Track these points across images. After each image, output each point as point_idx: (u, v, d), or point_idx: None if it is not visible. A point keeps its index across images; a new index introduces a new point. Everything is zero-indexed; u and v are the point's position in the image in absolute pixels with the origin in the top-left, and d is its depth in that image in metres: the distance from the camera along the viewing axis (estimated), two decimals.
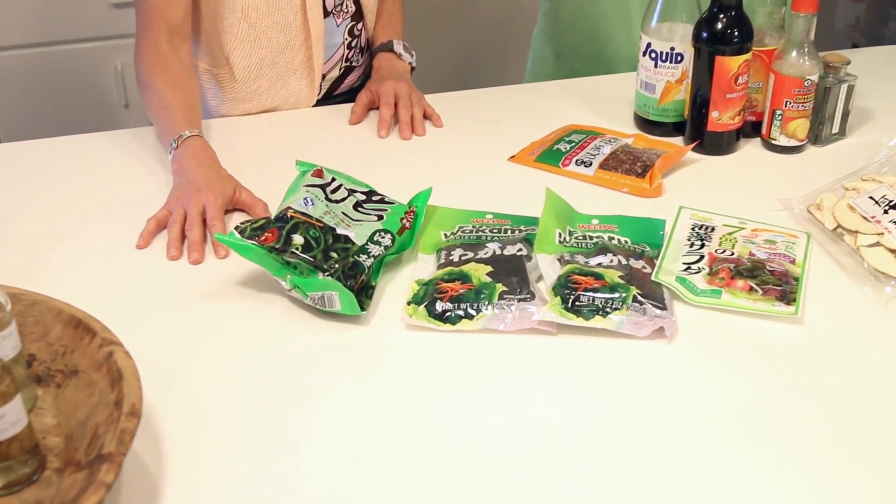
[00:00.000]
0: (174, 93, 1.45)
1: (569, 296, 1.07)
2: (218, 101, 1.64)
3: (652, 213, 1.29)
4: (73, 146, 1.54)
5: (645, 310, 1.05)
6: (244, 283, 1.16)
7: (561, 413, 0.95)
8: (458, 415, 0.95)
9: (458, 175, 1.42)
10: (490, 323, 1.06)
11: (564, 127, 1.56)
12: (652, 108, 1.52)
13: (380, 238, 1.14)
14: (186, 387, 0.99)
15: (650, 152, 1.44)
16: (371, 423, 0.94)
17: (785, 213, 1.29)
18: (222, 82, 1.62)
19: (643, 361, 1.02)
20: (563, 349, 1.04)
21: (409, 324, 1.07)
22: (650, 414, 0.95)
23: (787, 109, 1.43)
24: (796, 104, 1.42)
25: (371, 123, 1.60)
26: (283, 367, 1.02)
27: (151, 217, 1.27)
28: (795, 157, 1.47)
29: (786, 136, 1.46)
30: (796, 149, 1.47)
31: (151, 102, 1.46)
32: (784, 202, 1.31)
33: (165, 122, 1.43)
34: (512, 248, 1.16)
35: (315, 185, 1.19)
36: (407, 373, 1.01)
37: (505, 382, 0.99)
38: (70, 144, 1.55)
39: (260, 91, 1.63)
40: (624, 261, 1.13)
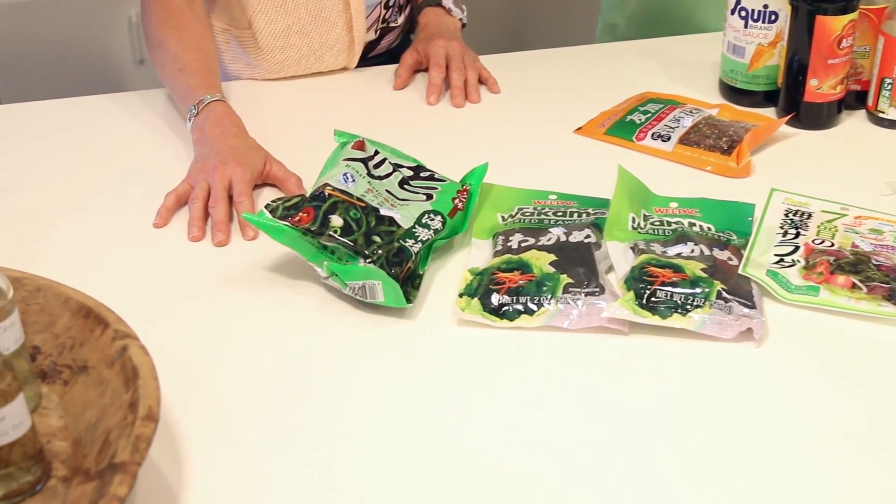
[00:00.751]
0: (190, 52, 1.45)
1: (643, 290, 1.05)
2: (240, 66, 1.63)
3: (739, 195, 1.27)
4: (81, 109, 1.55)
5: (731, 308, 1.04)
6: (275, 270, 1.16)
7: (632, 423, 0.94)
8: (515, 423, 0.94)
9: (517, 149, 1.41)
10: (553, 320, 1.05)
11: (639, 95, 1.55)
12: (740, 74, 1.50)
13: (429, 220, 1.13)
14: (208, 386, 0.99)
15: (738, 125, 1.42)
16: (416, 430, 0.93)
17: (894, 198, 1.27)
18: (245, 46, 1.61)
19: (728, 367, 1.01)
20: (635, 351, 1.03)
21: (460, 318, 1.06)
22: (735, 427, 0.94)
23: None
24: None
25: (418, 88, 1.60)
26: (318, 366, 1.01)
27: (171, 192, 1.27)
28: None
29: None
30: None
31: (164, 63, 1.46)
32: (893, 185, 1.29)
33: (182, 86, 1.43)
34: (578, 234, 1.15)
35: (356, 158, 1.18)
36: (457, 375, 1.00)
37: (568, 388, 0.98)
38: (78, 107, 1.56)
39: (288, 63, 1.62)
40: (707, 251, 1.12)
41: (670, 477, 0.88)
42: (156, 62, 1.48)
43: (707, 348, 1.03)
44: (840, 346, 1.04)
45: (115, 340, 0.89)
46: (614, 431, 0.93)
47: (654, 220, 1.20)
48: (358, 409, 0.96)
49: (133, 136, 1.47)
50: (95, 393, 0.88)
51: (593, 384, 0.99)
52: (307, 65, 1.62)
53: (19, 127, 1.50)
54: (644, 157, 1.39)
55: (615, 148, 1.42)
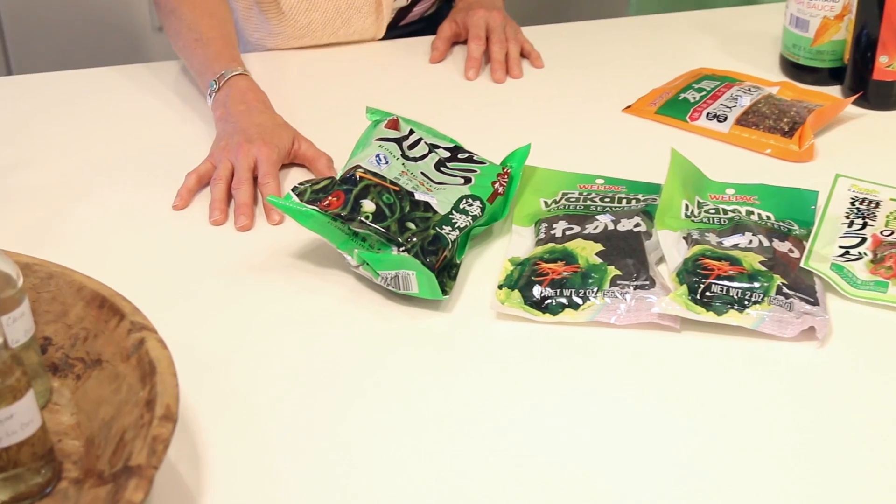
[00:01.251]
0: (205, 20, 1.44)
1: (697, 284, 1.04)
2: (262, 35, 1.63)
3: (801, 181, 1.26)
4: (96, 81, 1.55)
5: (791, 304, 1.03)
6: (302, 257, 1.15)
7: (683, 428, 0.93)
8: (558, 426, 0.93)
9: (561, 129, 1.41)
10: (599, 314, 1.04)
11: (693, 71, 1.54)
12: (804, 49, 1.49)
13: (467, 206, 1.13)
14: (230, 382, 0.99)
15: (800, 105, 1.41)
16: (450, 432, 0.93)
17: None
18: (266, 11, 1.60)
19: (788, 369, 1.00)
20: (687, 350, 1.02)
21: (500, 312, 1.06)
22: (795, 435, 0.92)
23: None
24: None
25: (456, 62, 1.59)
26: (347, 361, 1.01)
27: (192, 171, 1.27)
28: None
29: None
30: None
31: (178, 33, 1.46)
32: None
33: (200, 59, 1.42)
34: (628, 222, 1.14)
35: (389, 138, 1.18)
36: (496, 373, 1.00)
37: (615, 388, 0.98)
38: (92, 79, 1.56)
39: (313, 27, 1.61)
40: (766, 242, 1.11)
41: (725, 486, 0.87)
42: (169, 31, 1.48)
43: (765, 348, 1.02)
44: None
45: (132, 333, 0.88)
46: (664, 436, 0.92)
47: (709, 207, 1.19)
48: (388, 408, 0.95)
49: (151, 111, 1.46)
50: (110, 389, 0.87)
51: (642, 385, 0.98)
52: (333, 29, 1.61)
53: (30, 99, 1.50)
54: (698, 138, 1.38)
55: (667, 128, 1.41)
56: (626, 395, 0.97)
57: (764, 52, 1.59)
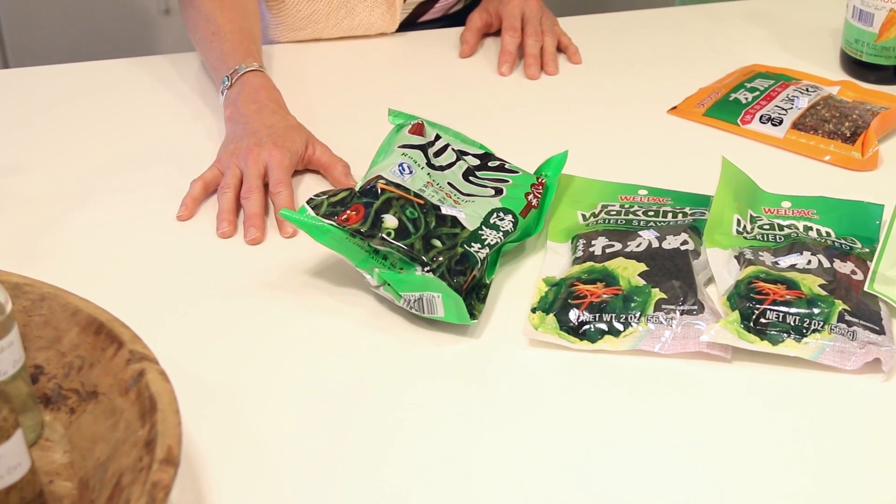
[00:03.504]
0: (226, 13, 1.45)
1: (751, 310, 1.03)
2: (264, 24, 1.63)
3: (864, 193, 1.25)
4: (96, 75, 1.55)
5: (854, 333, 1.02)
6: (317, 274, 1.15)
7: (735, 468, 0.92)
8: (595, 463, 0.92)
9: (600, 133, 1.40)
10: (642, 342, 1.03)
11: (745, 68, 1.54)
12: (867, 45, 1.49)
13: (498, 221, 1.12)
14: (238, 414, 0.98)
15: (863, 108, 1.40)
16: (478, 468, 0.92)
17: None
18: (266, 0, 1.61)
19: (850, 404, 0.99)
20: (739, 382, 1.01)
21: (533, 338, 1.05)
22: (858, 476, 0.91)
23: None
24: None
25: (487, 56, 1.58)
26: (365, 392, 1.00)
27: (197, 178, 1.27)
28: None
29: None
30: None
31: (196, 25, 1.46)
32: None
33: (216, 53, 1.42)
34: (674, 238, 1.13)
35: (414, 145, 1.17)
36: (528, 405, 0.99)
37: (659, 423, 0.97)
38: (93, 72, 1.56)
39: (316, 17, 1.60)
40: (826, 262, 1.09)
41: None
42: (188, 24, 1.48)
43: (826, 381, 1.01)
44: None
45: (131, 363, 0.87)
46: (713, 477, 0.91)
47: (763, 222, 1.18)
48: (411, 444, 0.95)
49: (157, 110, 1.46)
50: (106, 425, 0.86)
51: (688, 420, 0.97)
52: (337, 19, 1.61)
53: (26, 95, 1.50)
54: (750, 143, 1.37)
55: (716, 132, 1.40)
56: (670, 432, 0.96)
57: (823, 47, 1.59)
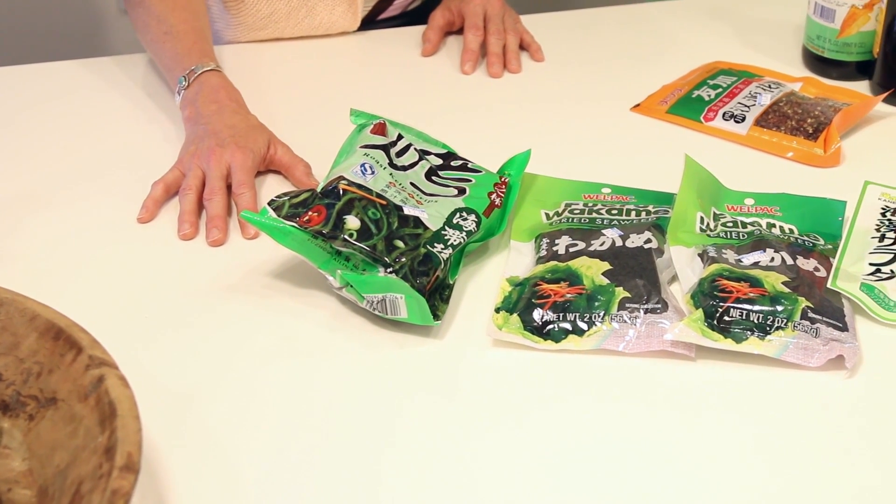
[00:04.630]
0: (177, 12, 1.44)
1: (714, 308, 1.03)
2: (220, 25, 1.62)
3: (827, 189, 1.25)
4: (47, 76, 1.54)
5: (818, 330, 1.02)
6: (279, 276, 1.14)
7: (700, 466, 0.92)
8: (560, 463, 0.92)
9: (564, 131, 1.40)
10: (606, 341, 1.03)
11: (707, 65, 1.54)
12: (829, 41, 1.49)
13: (461, 221, 1.12)
14: (199, 419, 0.97)
15: (825, 104, 1.41)
16: (444, 470, 0.92)
17: None
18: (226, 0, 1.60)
19: (814, 401, 0.99)
20: (703, 380, 1.01)
21: (497, 338, 1.05)
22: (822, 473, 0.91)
23: None
24: None
25: (450, 54, 1.58)
26: (328, 395, 1.00)
27: (158, 180, 1.26)
28: None
29: None
30: None
31: (146, 26, 1.45)
32: None
33: (169, 53, 1.41)
34: (637, 237, 1.13)
35: (376, 145, 1.16)
36: (492, 405, 0.99)
37: (623, 422, 0.97)
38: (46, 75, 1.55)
39: (276, 17, 1.60)
40: (789, 259, 1.10)
41: None
42: (136, 24, 1.47)
43: (789, 378, 1.01)
44: None
45: (90, 369, 0.86)
46: (678, 475, 0.91)
47: (727, 220, 1.18)
48: (374, 446, 0.94)
49: (114, 111, 1.45)
50: (66, 432, 0.86)
51: (653, 419, 0.97)
52: (297, 19, 1.60)
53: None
54: (714, 141, 1.38)
55: (679, 130, 1.40)
56: (635, 431, 0.96)
57: (785, 43, 1.59)
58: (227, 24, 1.60)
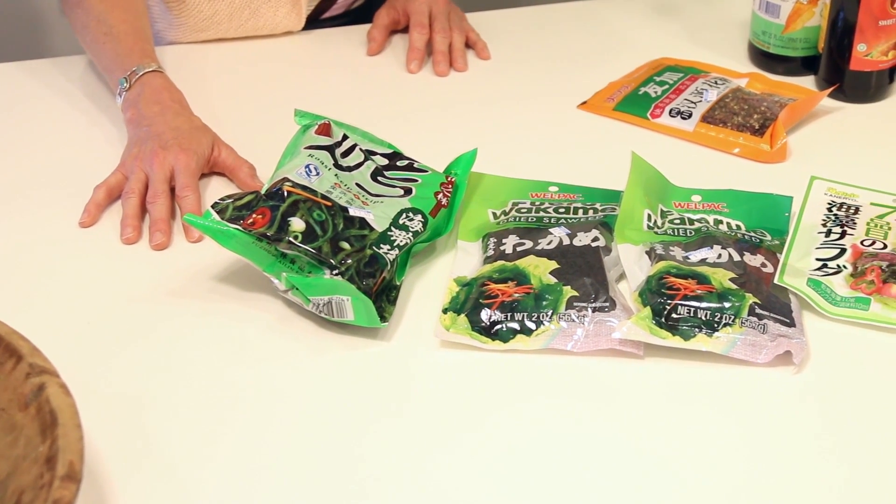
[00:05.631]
0: (116, 12, 1.43)
1: (662, 306, 1.04)
2: (162, 26, 1.61)
3: (773, 185, 1.26)
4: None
5: (765, 326, 1.02)
6: (224, 280, 1.14)
7: (648, 464, 0.92)
8: (509, 464, 0.92)
9: (511, 130, 1.40)
10: (554, 341, 1.03)
11: (654, 62, 1.54)
12: (774, 37, 1.50)
13: (407, 221, 1.12)
14: (143, 426, 0.97)
15: (771, 99, 1.41)
16: (391, 473, 0.92)
17: None
18: (168, 0, 1.59)
19: (762, 397, 0.99)
20: (651, 378, 1.02)
21: (445, 339, 1.05)
22: (771, 468, 0.92)
23: None
24: None
25: (395, 53, 1.58)
26: (275, 398, 1.00)
27: (101, 183, 1.25)
28: None
29: None
30: None
31: (86, 26, 1.43)
32: None
33: (110, 54, 1.40)
34: (585, 235, 1.13)
35: (320, 146, 1.16)
36: (441, 407, 0.99)
37: (572, 422, 0.97)
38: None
39: (219, 18, 1.59)
40: (736, 255, 1.10)
41: None
42: (75, 25, 1.46)
43: (738, 374, 1.01)
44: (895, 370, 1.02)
45: (30, 377, 0.85)
46: (627, 473, 0.91)
47: (674, 217, 1.18)
48: (322, 451, 0.94)
49: (53, 115, 1.44)
50: (6, 442, 0.85)
51: (602, 418, 0.97)
52: (241, 20, 1.59)
53: None
54: (660, 137, 1.38)
55: (626, 127, 1.41)
56: (584, 430, 0.96)
57: (731, 39, 1.60)
58: (170, 24, 1.59)
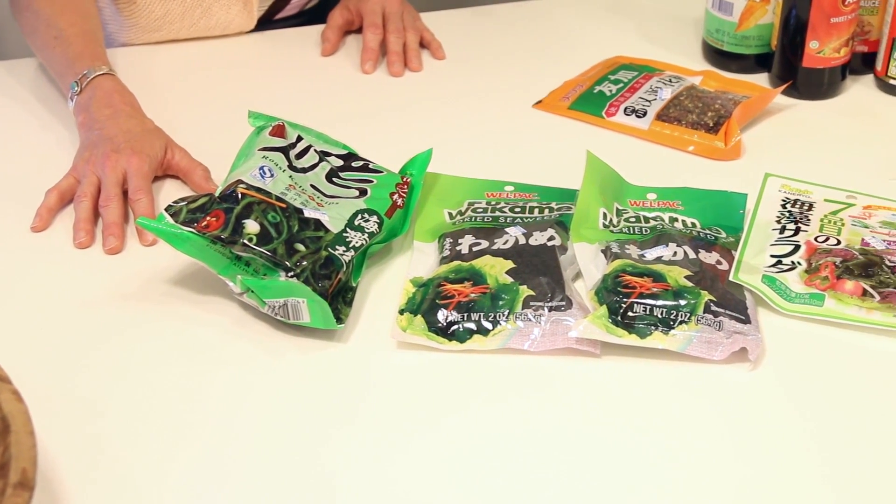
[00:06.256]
0: (66, 15, 1.42)
1: (618, 304, 1.04)
2: (113, 28, 1.60)
3: (728, 183, 1.26)
4: None
5: (721, 323, 1.03)
6: (179, 283, 1.13)
7: (606, 463, 0.92)
8: (467, 465, 0.92)
9: (466, 129, 1.40)
10: (511, 340, 1.03)
11: (609, 60, 1.55)
12: (728, 34, 1.50)
13: (362, 222, 1.12)
14: (98, 432, 0.96)
15: (725, 97, 1.42)
16: (349, 475, 0.91)
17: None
18: (117, 1, 1.58)
19: (718, 394, 1.00)
20: (608, 377, 1.02)
21: (401, 341, 1.05)
22: (728, 465, 0.92)
23: None
24: None
25: (349, 54, 1.58)
26: (232, 402, 0.99)
27: (53, 188, 1.24)
28: None
29: None
30: None
31: (35, 30, 1.43)
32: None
33: (59, 58, 1.39)
34: (540, 234, 1.14)
35: (275, 147, 1.16)
36: (399, 406, 0.99)
37: (530, 421, 0.97)
38: None
39: (170, 18, 1.59)
40: (692, 253, 1.11)
41: None
42: (25, 29, 1.45)
43: (694, 372, 1.02)
44: (850, 366, 1.03)
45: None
46: (585, 472, 0.92)
47: (630, 215, 1.19)
48: (280, 455, 0.94)
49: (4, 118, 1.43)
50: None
51: (560, 417, 0.97)
52: (193, 20, 1.59)
53: None
54: (616, 136, 1.39)
55: (581, 125, 1.41)
56: (542, 429, 0.96)
57: (685, 37, 1.60)
58: (121, 25, 1.59)
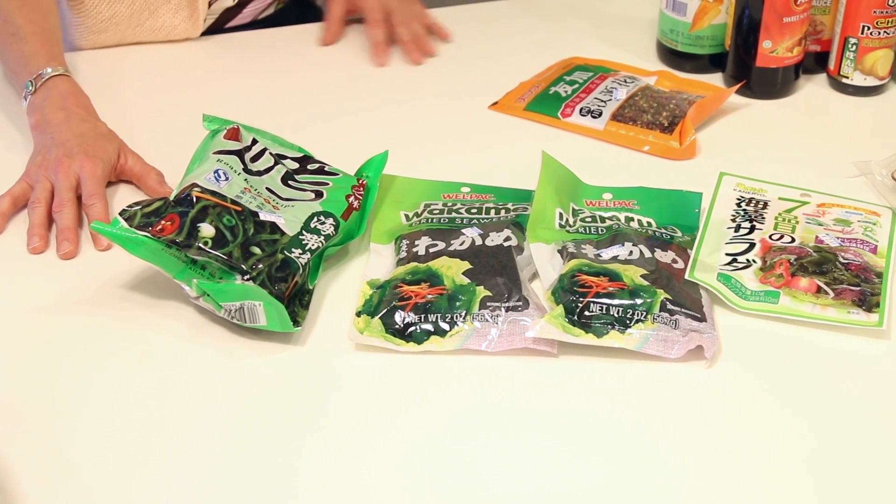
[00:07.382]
0: (25, 12, 1.41)
1: (575, 304, 1.05)
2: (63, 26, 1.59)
3: (683, 182, 1.27)
4: None
5: (677, 322, 1.04)
6: (134, 288, 1.13)
7: (564, 462, 0.93)
8: (426, 466, 0.93)
9: (422, 131, 1.40)
10: (468, 341, 1.04)
11: (564, 61, 1.55)
12: (682, 35, 1.51)
13: (318, 224, 1.12)
14: (52, 437, 0.96)
15: (679, 97, 1.42)
16: (308, 478, 0.91)
17: (861, 179, 1.28)
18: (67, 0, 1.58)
19: (675, 392, 1.00)
20: (566, 376, 1.02)
21: (359, 342, 1.05)
22: (685, 463, 0.93)
23: (863, 37, 1.42)
24: (877, 30, 1.41)
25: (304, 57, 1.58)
26: (189, 406, 0.99)
27: (5, 193, 1.24)
28: (875, 102, 1.46)
29: (861, 73, 1.45)
30: (876, 90, 1.46)
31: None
32: (860, 166, 1.30)
33: (15, 56, 1.39)
34: (497, 235, 1.14)
35: (230, 150, 1.16)
36: (357, 408, 0.99)
37: (488, 422, 0.97)
38: None
39: (118, 19, 1.58)
40: (647, 252, 1.11)
41: None
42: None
43: (652, 370, 1.03)
44: (805, 362, 1.04)
45: None
46: (545, 470, 0.92)
47: (585, 215, 1.19)
48: (237, 458, 0.94)
49: None
50: None
51: (518, 417, 0.98)
52: (139, 21, 1.59)
53: None
54: (572, 136, 1.39)
55: (537, 126, 1.41)
56: (500, 429, 0.96)
57: (640, 38, 1.60)
58: (69, 24, 1.58)
